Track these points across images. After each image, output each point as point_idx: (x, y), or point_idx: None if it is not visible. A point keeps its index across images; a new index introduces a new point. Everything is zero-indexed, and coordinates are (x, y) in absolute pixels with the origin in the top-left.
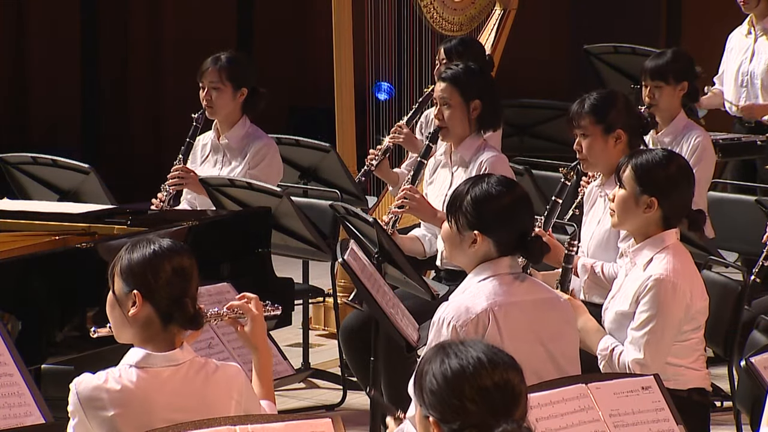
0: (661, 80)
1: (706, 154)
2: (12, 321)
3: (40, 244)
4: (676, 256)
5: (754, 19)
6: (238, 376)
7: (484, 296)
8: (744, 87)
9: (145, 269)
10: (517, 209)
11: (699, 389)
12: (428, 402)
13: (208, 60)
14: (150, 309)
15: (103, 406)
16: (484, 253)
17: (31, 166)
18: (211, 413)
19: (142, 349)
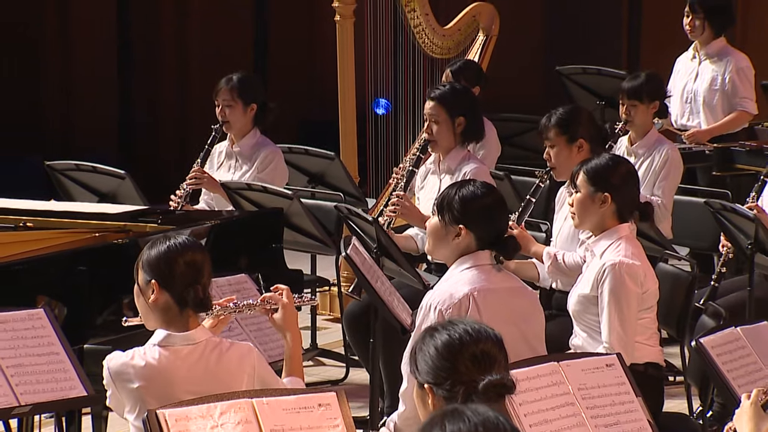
0: (636, 99)
1: (675, 165)
2: (59, 307)
3: (82, 240)
4: (628, 244)
5: (699, 45)
6: (250, 353)
7: (466, 283)
8: (688, 103)
9: (161, 262)
10: (496, 210)
11: (654, 364)
12: (423, 372)
13: (221, 80)
14: (167, 296)
15: (129, 379)
16: (466, 245)
17: (74, 172)
18: (224, 386)
19: (164, 331)
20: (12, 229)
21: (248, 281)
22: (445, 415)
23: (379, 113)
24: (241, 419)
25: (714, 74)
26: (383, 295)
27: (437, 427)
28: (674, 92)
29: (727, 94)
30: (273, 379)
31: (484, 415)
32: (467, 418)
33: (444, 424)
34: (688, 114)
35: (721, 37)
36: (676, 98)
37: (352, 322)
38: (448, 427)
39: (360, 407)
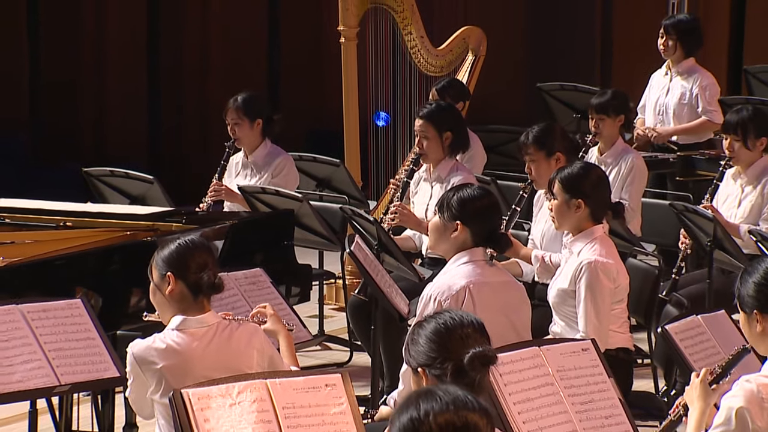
0: (604, 114)
1: (639, 171)
2: (94, 297)
3: (115, 238)
4: (602, 244)
5: (671, 63)
6: (257, 332)
7: (463, 277)
8: (660, 115)
9: (174, 256)
10: (490, 210)
11: (624, 348)
12: (416, 359)
13: (229, 101)
14: (182, 285)
15: (153, 361)
16: (463, 241)
17: (108, 177)
18: (236, 361)
19: (180, 316)
20: (53, 228)
21: (263, 275)
22: (419, 395)
23: (380, 125)
24: (256, 398)
25: (683, 89)
26: (383, 287)
27: (412, 407)
28: (648, 104)
29: (694, 108)
30: (278, 355)
31: (454, 394)
32: (439, 397)
33: (418, 403)
34: (659, 124)
35: (691, 57)
36: (650, 111)
37: (355, 311)
38: (422, 405)
39: (362, 387)
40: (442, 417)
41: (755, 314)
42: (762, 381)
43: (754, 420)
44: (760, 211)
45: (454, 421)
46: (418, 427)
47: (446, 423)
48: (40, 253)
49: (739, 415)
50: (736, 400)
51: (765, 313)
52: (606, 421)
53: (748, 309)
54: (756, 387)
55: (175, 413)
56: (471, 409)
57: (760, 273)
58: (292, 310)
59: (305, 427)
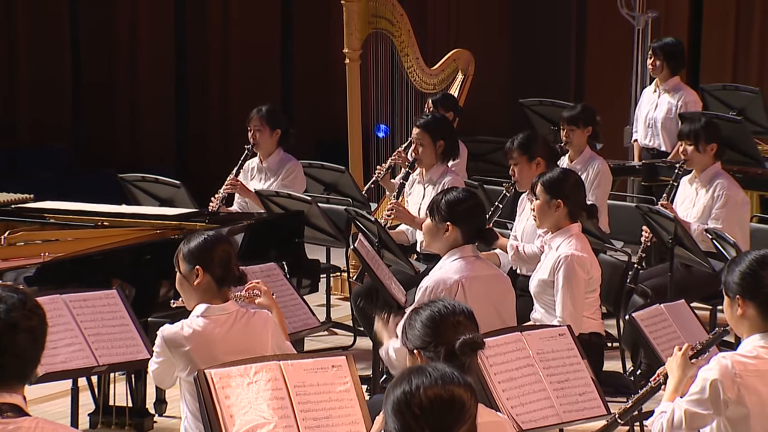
0: (574, 125)
1: (604, 176)
2: (128, 288)
3: (146, 236)
4: (578, 240)
5: (659, 81)
6: (270, 319)
7: (455, 272)
8: (650, 128)
9: (201, 251)
10: (475, 210)
11: (596, 333)
12: (412, 342)
13: (253, 111)
14: (208, 277)
15: (180, 344)
16: (454, 239)
17: (140, 182)
18: (253, 344)
19: (204, 304)
20: (92, 227)
21: (276, 269)
22: (411, 372)
23: (380, 136)
24: (271, 377)
25: (670, 105)
26: (383, 279)
27: (405, 381)
28: (639, 119)
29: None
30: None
31: (442, 370)
32: (429, 373)
33: (410, 378)
34: (650, 136)
35: (677, 76)
36: (641, 124)
37: (358, 299)
38: (413, 380)
39: (364, 368)
40: (431, 390)
41: (737, 299)
42: (736, 358)
43: (725, 392)
44: (711, 211)
45: (441, 394)
46: (410, 399)
47: (435, 396)
48: (81, 249)
49: (713, 386)
50: (711, 372)
51: (746, 299)
52: (580, 397)
53: (731, 294)
54: (730, 363)
55: (199, 391)
56: (457, 384)
57: (746, 263)
58: (303, 300)
59: (314, 403)
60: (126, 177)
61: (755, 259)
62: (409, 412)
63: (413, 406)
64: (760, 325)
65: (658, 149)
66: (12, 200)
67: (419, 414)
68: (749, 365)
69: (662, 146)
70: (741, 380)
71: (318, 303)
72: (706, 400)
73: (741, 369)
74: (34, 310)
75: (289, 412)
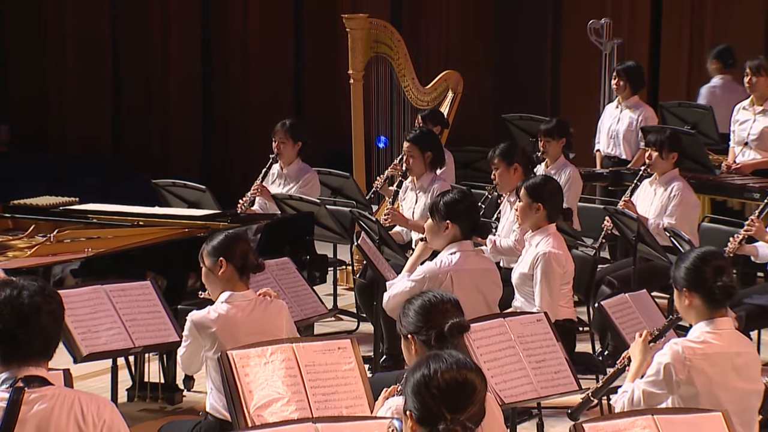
0: (550, 137)
1: (575, 182)
2: (160, 279)
3: (176, 233)
4: (555, 238)
5: (621, 99)
6: (284, 307)
7: (447, 265)
8: (612, 139)
9: (224, 245)
10: (471, 207)
11: (569, 319)
12: (406, 327)
13: (278, 124)
14: (231, 268)
15: (207, 326)
16: (453, 235)
17: (171, 187)
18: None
19: (228, 291)
20: (129, 226)
21: (290, 263)
22: (429, 358)
23: (380, 146)
24: (284, 357)
25: (631, 119)
26: (383, 272)
27: (424, 366)
28: (602, 131)
29: (637, 134)
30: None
31: (456, 356)
32: (445, 359)
33: (429, 363)
34: (612, 146)
35: (637, 95)
36: (603, 137)
37: (361, 290)
38: (431, 365)
39: (367, 350)
40: (448, 374)
41: (684, 291)
42: (686, 344)
43: (677, 374)
44: (666, 209)
45: (456, 377)
46: (428, 381)
47: (450, 379)
48: (119, 245)
49: (666, 369)
50: (665, 357)
51: (691, 291)
52: (555, 375)
53: (679, 287)
54: (681, 348)
55: (222, 369)
56: (469, 369)
57: (690, 260)
58: (313, 290)
59: (322, 380)
60: (158, 182)
61: (697, 256)
62: (428, 393)
63: (431, 387)
64: (706, 313)
65: (619, 157)
66: (60, 203)
67: (436, 394)
68: (697, 350)
69: (623, 155)
70: (690, 363)
71: (326, 293)
72: (661, 381)
73: (690, 353)
74: (52, 295)
75: (301, 388)
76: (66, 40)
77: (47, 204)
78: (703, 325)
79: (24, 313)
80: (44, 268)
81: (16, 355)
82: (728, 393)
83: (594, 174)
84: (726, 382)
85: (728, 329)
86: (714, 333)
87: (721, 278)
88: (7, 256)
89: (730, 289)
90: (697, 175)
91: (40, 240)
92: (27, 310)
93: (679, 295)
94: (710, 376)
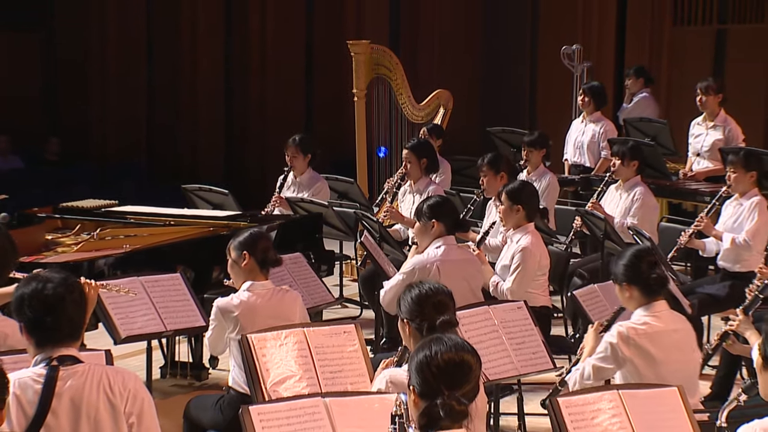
0: (533, 148)
1: (553, 187)
2: (189, 271)
3: (202, 232)
4: (533, 235)
5: (586, 114)
6: (298, 297)
7: (435, 257)
8: (577, 149)
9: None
10: (452, 206)
11: (545, 306)
12: (403, 312)
13: (289, 140)
14: (253, 261)
15: (231, 310)
16: (439, 232)
17: (198, 191)
18: (286, 313)
19: (250, 281)
20: (162, 225)
21: (301, 257)
22: (431, 341)
23: (380, 156)
24: (297, 340)
25: (594, 132)
26: (383, 265)
27: (426, 348)
28: (569, 142)
29: (599, 145)
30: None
31: (455, 340)
32: (445, 341)
33: (430, 345)
34: (578, 155)
35: (599, 111)
36: (570, 146)
37: (364, 281)
38: (433, 347)
39: (369, 333)
40: (447, 355)
41: (624, 285)
42: (630, 326)
43: (622, 351)
44: (629, 210)
45: (454, 358)
46: (430, 361)
47: (449, 359)
48: (153, 242)
49: (613, 347)
50: (612, 337)
51: (630, 284)
52: (533, 355)
53: (619, 282)
54: (626, 330)
55: (242, 350)
56: (466, 351)
57: (627, 258)
58: (321, 281)
59: (330, 360)
60: (187, 187)
61: (633, 254)
62: (429, 371)
63: (432, 366)
64: (643, 301)
65: (584, 165)
66: (102, 205)
67: (436, 373)
68: (640, 330)
69: (587, 163)
70: (634, 342)
71: (333, 283)
72: (609, 358)
73: (633, 334)
74: (74, 285)
75: (311, 367)
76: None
77: (91, 206)
78: (641, 310)
79: (50, 303)
80: (88, 262)
81: (48, 339)
82: (671, 366)
83: (566, 180)
84: (668, 357)
85: (665, 311)
86: (653, 316)
87: (655, 271)
88: (56, 251)
89: (663, 279)
90: (657, 181)
91: (85, 237)
92: (52, 300)
93: (620, 290)
94: (651, 352)
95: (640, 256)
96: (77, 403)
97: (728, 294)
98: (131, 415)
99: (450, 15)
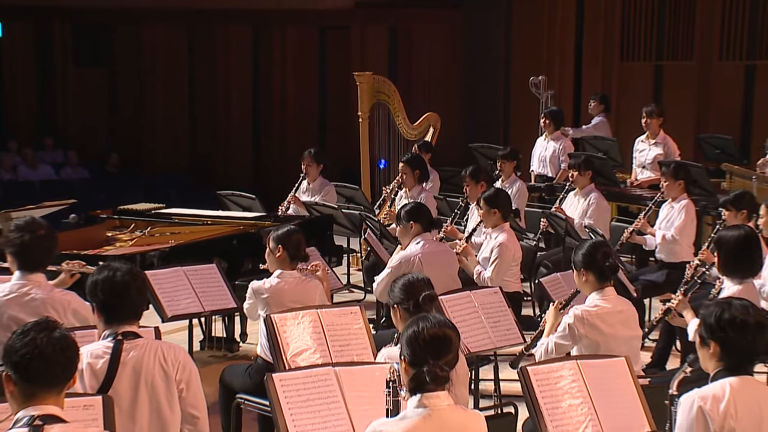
0: (506, 160)
1: (523, 192)
2: (223, 262)
3: (233, 230)
4: (508, 233)
5: (548, 133)
6: (319, 285)
7: (417, 251)
8: (541, 162)
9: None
10: (424, 209)
11: (517, 291)
12: (393, 298)
13: (305, 152)
14: (286, 253)
15: (262, 292)
16: (417, 231)
17: (230, 196)
18: (308, 297)
19: (280, 269)
20: (201, 224)
21: (315, 251)
22: (418, 319)
23: (381, 167)
24: (312, 320)
25: (554, 148)
26: (383, 257)
27: (414, 324)
28: (534, 157)
29: (559, 158)
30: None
31: (439, 318)
32: (430, 319)
33: (418, 323)
34: (542, 167)
35: (559, 130)
36: (535, 160)
37: (367, 270)
38: (420, 324)
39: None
40: (432, 330)
41: (582, 270)
42: (584, 308)
43: (578, 329)
44: (586, 213)
45: (437, 333)
46: (417, 335)
47: (434, 334)
48: (193, 238)
49: (570, 327)
50: (569, 318)
51: (587, 270)
52: (507, 332)
53: (578, 268)
54: (580, 312)
55: (266, 328)
56: (448, 328)
57: (585, 248)
58: (332, 270)
59: (339, 336)
60: (221, 193)
61: (591, 245)
62: (417, 344)
63: (419, 340)
64: (597, 286)
65: (547, 176)
66: (151, 208)
67: (423, 345)
68: (593, 312)
69: (549, 173)
70: (588, 322)
71: (341, 272)
72: (567, 336)
73: (587, 315)
74: (136, 273)
75: (323, 341)
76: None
77: (143, 208)
78: (594, 294)
79: (118, 288)
80: (141, 255)
81: (115, 318)
82: (618, 340)
83: (533, 187)
84: (616, 333)
85: (613, 295)
86: (603, 299)
87: (608, 260)
88: (115, 246)
89: (615, 267)
90: (608, 188)
91: (138, 234)
92: (120, 286)
93: (578, 274)
94: (604, 331)
95: (596, 248)
96: (138, 370)
97: (665, 280)
98: (181, 382)
99: (438, 52)
